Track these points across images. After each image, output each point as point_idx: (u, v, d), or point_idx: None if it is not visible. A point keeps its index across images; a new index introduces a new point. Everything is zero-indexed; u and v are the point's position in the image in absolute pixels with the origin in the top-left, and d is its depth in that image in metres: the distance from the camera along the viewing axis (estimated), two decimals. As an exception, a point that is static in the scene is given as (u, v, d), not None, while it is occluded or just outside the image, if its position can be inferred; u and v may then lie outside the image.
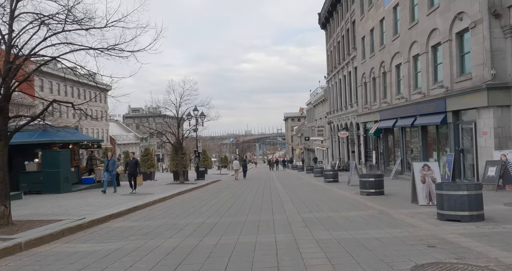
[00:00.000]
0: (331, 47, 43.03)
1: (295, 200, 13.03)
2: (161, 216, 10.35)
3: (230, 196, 16.13)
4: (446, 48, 15.98)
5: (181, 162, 25.85)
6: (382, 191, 13.21)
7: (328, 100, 46.28)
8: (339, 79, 39.39)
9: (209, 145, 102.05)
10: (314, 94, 62.19)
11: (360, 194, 13.43)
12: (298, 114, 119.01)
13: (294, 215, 9.47)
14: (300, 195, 14.86)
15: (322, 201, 12.36)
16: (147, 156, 33.27)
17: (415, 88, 19.76)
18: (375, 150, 26.86)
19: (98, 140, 26.11)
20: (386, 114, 23.38)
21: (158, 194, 16.69)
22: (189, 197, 16.43)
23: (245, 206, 11.99)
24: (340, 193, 14.94)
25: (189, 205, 12.94)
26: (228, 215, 10.15)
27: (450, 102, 15.67)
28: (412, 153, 20.49)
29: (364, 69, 28.82)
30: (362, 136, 29.93)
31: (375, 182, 13.07)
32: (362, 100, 29.60)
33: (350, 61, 33.29)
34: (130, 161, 17.63)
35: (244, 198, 14.95)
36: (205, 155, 45.23)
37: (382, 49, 24.39)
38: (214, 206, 12.36)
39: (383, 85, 24.92)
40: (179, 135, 25.50)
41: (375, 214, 8.98)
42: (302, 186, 20.46)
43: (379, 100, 25.34)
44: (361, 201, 11.80)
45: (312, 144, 64.56)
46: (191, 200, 14.78)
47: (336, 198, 13.13)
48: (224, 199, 14.87)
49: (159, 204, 13.71)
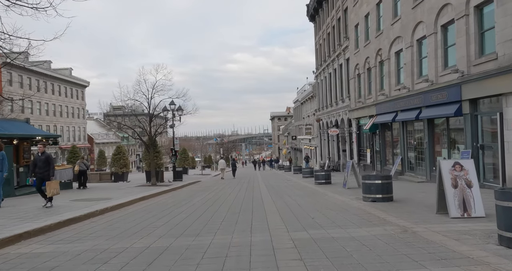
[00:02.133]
0: (320, 40, 40.49)
1: (282, 209, 10.25)
2: (96, 235, 7.44)
3: (204, 201, 13.28)
4: (461, 25, 13.43)
5: (153, 161, 22.85)
6: (391, 197, 10.55)
7: (317, 96, 43.75)
8: (329, 74, 36.85)
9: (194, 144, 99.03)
10: (302, 92, 59.68)
11: (363, 200, 10.73)
12: (285, 114, 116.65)
13: (281, 235, 6.69)
14: (288, 201, 12.09)
15: (318, 211, 9.60)
16: (119, 154, 30.14)
17: (419, 76, 17.22)
18: (370, 148, 24.31)
19: (53, 135, 22.84)
20: (384, 107, 20.83)
21: (117, 199, 13.73)
22: (153, 203, 13.51)
23: (217, 218, 9.16)
24: (337, 198, 12.21)
25: (145, 216, 10.04)
26: (189, 233, 7.31)
27: (466, 89, 13.12)
28: (416, 150, 17.94)
29: (357, 60, 26.27)
30: (355, 133, 27.38)
31: (382, 185, 10.38)
32: (355, 94, 27.06)
33: (342, 53, 30.74)
34: (38, 158, 11.45)
35: (220, 204, 12.12)
36: (185, 154, 42.21)
37: (379, 36, 21.84)
38: (176, 217, 9.50)
39: (380, 75, 22.38)
40: (151, 131, 22.49)
41: (399, 234, 6.25)
42: (290, 188, 17.72)
43: (375, 93, 22.79)
44: (368, 210, 9.08)
45: (299, 143, 62.04)
46: (153, 208, 11.87)
47: (334, 206, 10.39)
48: (194, 206, 12.01)
49: (110, 213, 10.78)
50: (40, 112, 59.03)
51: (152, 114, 22.59)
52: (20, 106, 50.21)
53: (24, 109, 54.42)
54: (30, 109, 56.18)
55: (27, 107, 55.30)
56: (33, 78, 57.30)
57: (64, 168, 19.95)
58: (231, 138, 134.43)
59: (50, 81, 61.76)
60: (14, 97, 52.60)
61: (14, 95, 53.04)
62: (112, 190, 19.16)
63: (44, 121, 59.46)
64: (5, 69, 51.04)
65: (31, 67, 56.07)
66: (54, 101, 62.90)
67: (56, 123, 63.31)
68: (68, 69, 68.46)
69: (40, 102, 58.87)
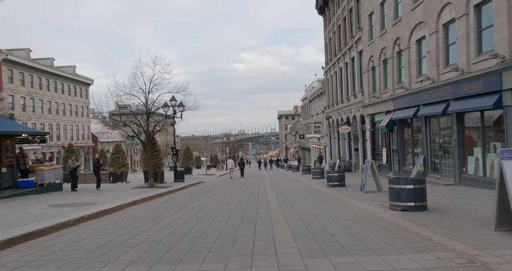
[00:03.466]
0: (330, 34, 38.50)
1: (292, 220, 8.41)
2: (50, 258, 5.67)
3: (201, 207, 11.48)
4: (502, 2, 11.47)
5: (150, 160, 21.13)
6: (425, 205, 8.65)
7: (327, 93, 41.76)
8: (339, 68, 34.86)
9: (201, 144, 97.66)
10: (310, 89, 57.68)
11: (390, 209, 8.85)
12: (292, 113, 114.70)
13: (294, 264, 4.85)
14: (299, 208, 10.25)
15: (336, 223, 7.75)
16: (117, 153, 28.51)
17: (446, 65, 15.25)
18: (386, 146, 22.34)
19: (40, 132, 21.13)
20: (403, 102, 18.87)
21: (102, 204, 12.02)
22: (143, 209, 11.75)
23: (212, 232, 7.36)
24: (356, 205, 10.32)
25: (127, 228, 8.28)
26: (170, 257, 5.51)
27: (508, 76, 11.16)
28: (442, 149, 15.97)
29: (371, 52, 24.30)
30: (369, 131, 25.41)
31: (415, 191, 8.49)
32: (369, 88, 25.09)
33: (354, 45, 28.75)
34: None
35: (218, 212, 10.32)
36: (188, 153, 40.50)
37: (397, 23, 19.86)
38: (163, 230, 7.72)
39: (398, 67, 20.40)
40: (148, 128, 20.76)
41: (464, 268, 4.37)
42: (300, 191, 15.87)
43: (392, 86, 20.82)
44: (401, 223, 7.21)
45: (307, 142, 60.06)
46: (140, 216, 10.10)
47: (356, 216, 8.51)
48: (189, 213, 10.22)
49: (85, 224, 9.03)
50: (42, 110, 57.70)
51: (150, 110, 20.85)
52: (9, 103, 48.95)
53: (25, 107, 53.20)
54: (32, 107, 54.88)
55: (28, 105, 54.02)
56: (35, 76, 56.01)
57: (53, 168, 18.31)
58: (238, 137, 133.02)
59: (52, 79, 60.45)
60: (14, 95, 51.62)
61: (16, 92, 52.05)
62: (104, 192, 17.48)
63: (46, 120, 58.20)
64: (6, 66, 49.91)
65: (33, 64, 54.97)
66: (57, 99, 61.60)
67: (59, 121, 62.01)
68: (71, 67, 67.16)
69: (42, 100, 57.57)
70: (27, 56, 55.28)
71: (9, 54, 49.42)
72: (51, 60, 62.33)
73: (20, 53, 53.98)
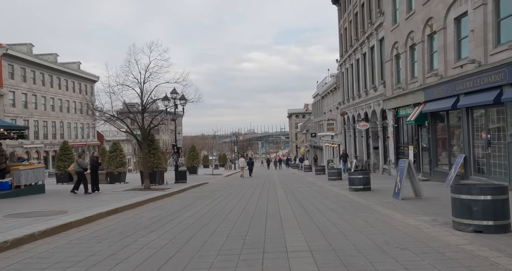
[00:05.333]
0: (345, 23, 35.73)
1: (318, 247, 5.82)
2: None
3: (192, 221, 8.94)
4: None
5: (146, 159, 18.73)
6: (508, 224, 6.02)
7: (341, 87, 39.00)
8: (356, 60, 32.10)
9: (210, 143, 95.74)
10: (322, 85, 54.89)
11: (454, 227, 6.24)
12: (303, 111, 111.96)
13: None
14: (323, 224, 7.68)
15: (388, 256, 5.13)
16: (115, 151, 26.21)
17: (497, 44, 12.50)
18: (414, 144, 19.61)
19: (17, 126, 18.75)
20: (437, 91, 16.15)
21: (75, 213, 9.62)
22: (120, 221, 9.28)
23: (198, 268, 4.83)
24: (400, 220, 7.69)
25: (77, 256, 5.80)
26: None
27: None
28: (491, 146, 13.21)
29: (395, 38, 21.55)
30: (392, 126, 22.66)
31: (494, 204, 5.86)
32: (392, 79, 22.36)
33: (373, 33, 25.99)
34: None
35: (215, 227, 7.80)
36: (193, 152, 38.08)
37: (428, 2, 17.12)
38: (124, 263, 5.22)
39: (429, 52, 17.67)
40: (143, 123, 18.34)
41: None
42: (317, 197, 13.28)
43: (422, 74, 18.09)
44: (488, 257, 4.60)
45: (319, 141, 57.32)
46: (111, 232, 7.63)
47: (411, 242, 5.86)
48: (173, 231, 7.69)
49: (29, 246, 6.59)
50: (45, 107, 55.82)
51: (145, 103, 18.42)
52: (10, 99, 47.17)
53: (27, 104, 51.34)
54: (34, 104, 53.02)
55: (30, 102, 52.16)
56: (38, 72, 54.13)
57: (32, 167, 15.98)
58: (247, 136, 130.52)
59: (56, 75, 58.60)
60: (15, 91, 49.80)
61: (17, 89, 50.21)
62: (89, 196, 15.09)
63: (49, 117, 56.38)
64: (6, 61, 48.07)
65: (35, 59, 53.11)
66: (61, 96, 59.73)
67: (63, 119, 60.17)
68: (76, 63, 65.24)
69: (45, 97, 55.70)
70: (29, 51, 53.39)
71: (9, 48, 47.55)
72: (54, 56, 60.42)
73: (22, 48, 52.11)
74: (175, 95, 22.55)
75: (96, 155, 17.17)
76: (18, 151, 48.94)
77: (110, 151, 26.79)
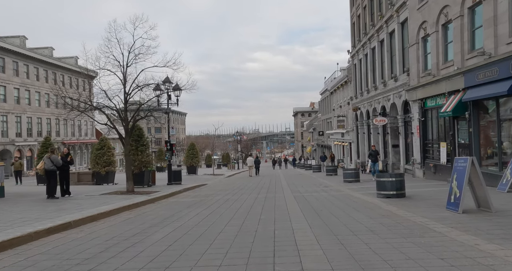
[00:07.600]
0: (359, 10, 32.64)
1: None
2: None
3: (165, 246, 5.98)
4: None
5: (129, 157, 15.83)
6: None
7: (353, 81, 35.91)
8: (370, 49, 29.03)
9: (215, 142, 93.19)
10: (331, 80, 51.79)
11: None
12: (309, 109, 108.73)
13: None
14: (364, 261, 4.68)
15: None
16: (102, 149, 23.39)
17: None
18: (448, 140, 16.52)
19: None
20: (484, 74, 13.07)
21: (2, 231, 6.69)
22: (60, 245, 6.31)
23: None
24: (486, 250, 4.69)
25: None
26: None
27: None
28: None
29: (423, 17, 18.48)
30: (418, 120, 19.55)
31: None
32: (418, 66, 19.28)
33: (394, 16, 22.92)
34: None
35: (199, 256, 4.82)
36: (193, 150, 35.15)
37: (470, -33, 14.06)
38: None
39: (471, 28, 14.59)
40: (126, 115, 15.43)
41: None
42: (340, 205, 10.26)
43: (461, 56, 15.01)
44: None
45: (327, 139, 54.20)
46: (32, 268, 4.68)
47: None
48: (136, 261, 4.73)
49: None
50: (39, 103, 53.13)
51: (129, 90, 15.50)
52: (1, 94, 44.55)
53: (19, 100, 48.67)
54: (27, 99, 50.33)
55: (23, 97, 49.49)
56: (31, 66, 51.39)
57: (-14, 166, 13.09)
58: (252, 135, 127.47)
59: (52, 70, 55.91)
60: (7, 85, 47.14)
61: (8, 83, 47.54)
62: (51, 201, 12.17)
63: (43, 114, 53.70)
64: (-3, 54, 45.33)
65: (28, 53, 50.44)
66: (56, 92, 57.03)
67: (59, 116, 57.46)
68: (73, 58, 62.42)
69: (40, 92, 52.93)
70: (22, 44, 50.65)
71: (0, 41, 44.95)
72: (50, 49, 57.72)
73: (14, 41, 49.38)
74: (168, 84, 19.63)
75: (66, 151, 14.24)
76: (10, 149, 46.42)
77: (97, 148, 23.93)
